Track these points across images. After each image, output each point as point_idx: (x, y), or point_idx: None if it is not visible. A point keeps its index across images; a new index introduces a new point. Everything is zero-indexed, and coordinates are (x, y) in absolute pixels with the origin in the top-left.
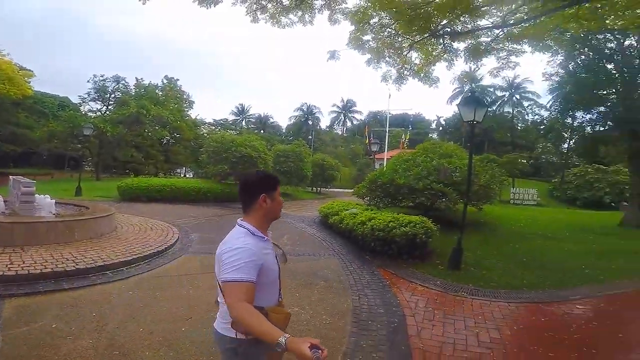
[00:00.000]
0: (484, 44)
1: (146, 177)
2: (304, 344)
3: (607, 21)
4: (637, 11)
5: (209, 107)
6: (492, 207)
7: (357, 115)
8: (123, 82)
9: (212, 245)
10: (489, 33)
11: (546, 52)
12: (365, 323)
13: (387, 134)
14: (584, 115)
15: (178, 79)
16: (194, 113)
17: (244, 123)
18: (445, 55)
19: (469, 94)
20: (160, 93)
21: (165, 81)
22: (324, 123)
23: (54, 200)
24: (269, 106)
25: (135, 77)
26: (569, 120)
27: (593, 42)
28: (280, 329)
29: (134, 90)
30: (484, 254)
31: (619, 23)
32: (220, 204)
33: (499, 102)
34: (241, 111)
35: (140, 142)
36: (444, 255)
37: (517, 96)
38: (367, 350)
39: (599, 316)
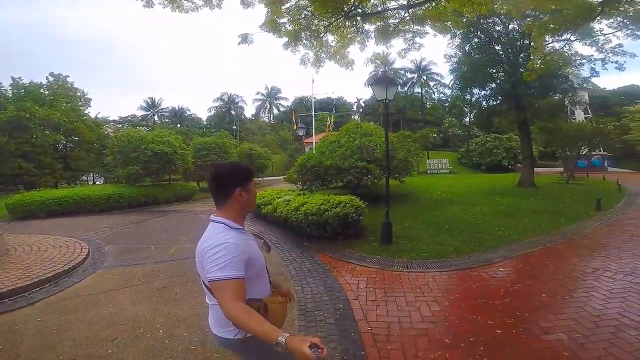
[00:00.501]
0: (392, 25)
1: (42, 190)
2: (303, 342)
3: (496, 6)
4: None
5: (115, 105)
6: (412, 179)
7: (283, 102)
8: None
9: (131, 256)
10: (396, 15)
11: (446, 35)
12: (312, 313)
13: (313, 118)
14: (479, 92)
15: (68, 76)
16: (93, 112)
17: (156, 118)
18: (358, 38)
19: (380, 74)
20: (47, 92)
21: (51, 78)
22: (249, 112)
23: None
24: (184, 99)
25: (12, 77)
26: (468, 96)
27: (484, 25)
28: (279, 318)
29: (11, 92)
30: (411, 225)
31: (505, 8)
32: (137, 209)
33: (409, 84)
34: (151, 105)
35: (28, 151)
36: (376, 231)
37: (424, 77)
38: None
39: (520, 277)
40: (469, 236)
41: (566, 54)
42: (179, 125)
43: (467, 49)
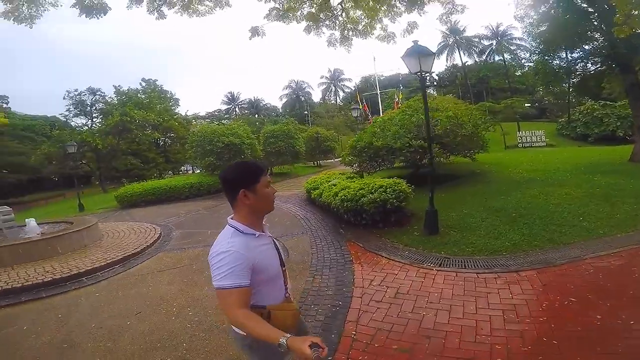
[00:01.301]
0: None
1: (141, 182)
2: (304, 342)
3: None
4: None
5: (201, 101)
6: (491, 154)
7: (347, 83)
8: (99, 92)
9: (190, 239)
10: None
11: None
12: (308, 307)
13: (378, 96)
14: (570, 55)
15: (156, 80)
16: (183, 110)
17: (237, 110)
18: (383, 7)
19: (415, 45)
20: (143, 96)
21: (143, 84)
22: (316, 96)
23: (34, 223)
24: (258, 89)
25: (114, 86)
26: (557, 61)
27: None
28: (288, 326)
29: (116, 99)
30: (470, 212)
31: None
32: (215, 194)
33: (487, 51)
34: (232, 99)
35: (136, 149)
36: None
37: (505, 43)
38: None
39: (580, 290)
40: (538, 228)
41: None
42: (256, 115)
43: (544, 7)
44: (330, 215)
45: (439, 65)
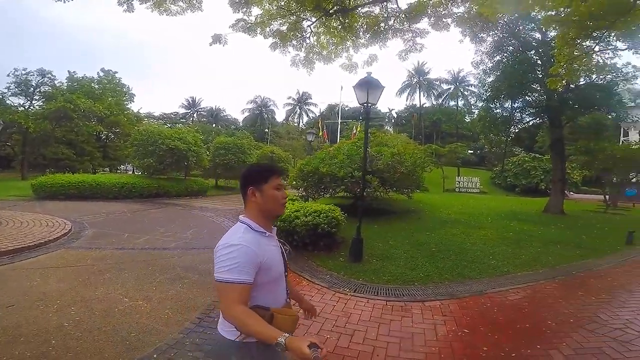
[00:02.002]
0: (382, 22)
1: (67, 174)
2: (303, 342)
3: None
4: None
5: (161, 101)
6: (429, 195)
7: (313, 108)
8: (49, 75)
9: (102, 240)
10: (382, 10)
11: (476, 41)
12: (210, 320)
13: (339, 125)
14: (512, 104)
15: (117, 72)
16: (137, 106)
17: (195, 116)
18: (348, 38)
19: (367, 76)
20: (97, 86)
21: (101, 74)
22: (280, 116)
23: None
24: (222, 99)
25: (68, 71)
26: (499, 110)
27: (521, 33)
28: (286, 331)
29: (66, 85)
30: (396, 243)
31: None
32: (147, 199)
33: (445, 95)
34: (192, 104)
35: (72, 138)
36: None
37: (461, 89)
38: (186, 348)
39: (473, 322)
40: (452, 263)
41: (603, 60)
42: (214, 125)
43: (499, 56)
44: None
45: (400, 104)
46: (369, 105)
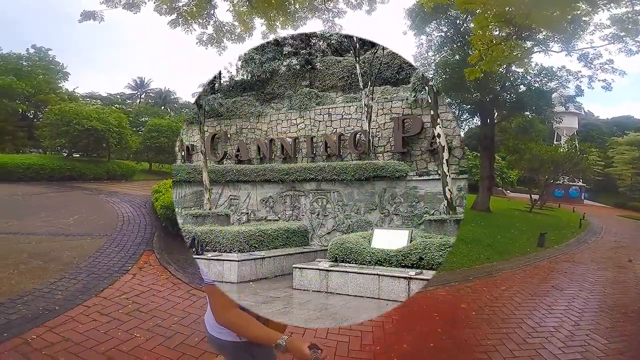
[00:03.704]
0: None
1: None
2: (303, 344)
3: None
4: None
5: (113, 80)
6: None
7: None
8: None
9: None
10: None
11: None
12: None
13: None
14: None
15: (50, 49)
16: (89, 87)
17: (142, 98)
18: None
19: None
20: (26, 64)
21: (32, 51)
22: None
23: None
24: (175, 83)
25: None
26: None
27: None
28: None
29: None
30: None
31: None
32: (57, 182)
33: None
34: (139, 85)
35: None
36: None
37: None
38: None
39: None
40: None
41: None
42: (162, 108)
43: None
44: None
45: None
46: None
